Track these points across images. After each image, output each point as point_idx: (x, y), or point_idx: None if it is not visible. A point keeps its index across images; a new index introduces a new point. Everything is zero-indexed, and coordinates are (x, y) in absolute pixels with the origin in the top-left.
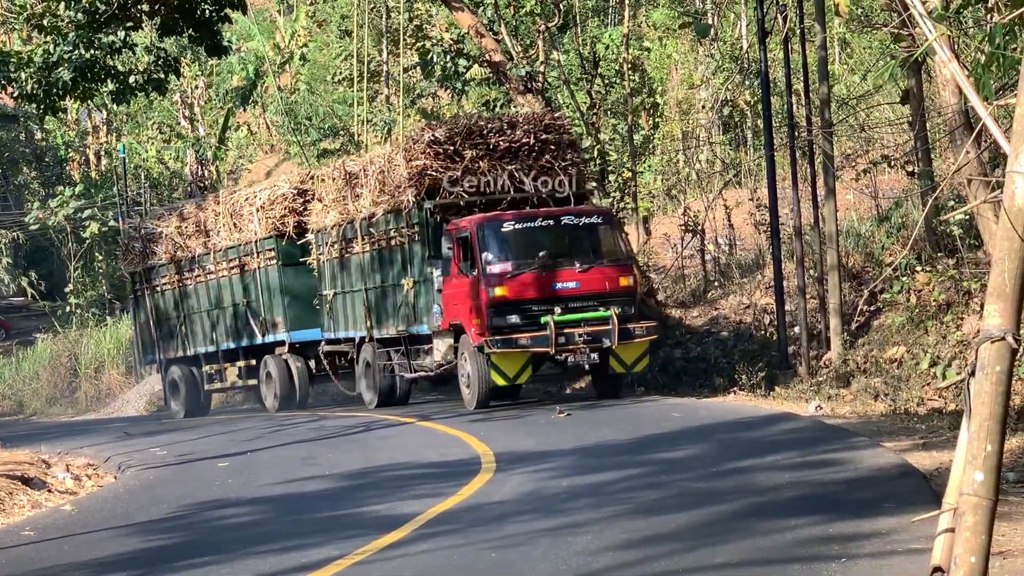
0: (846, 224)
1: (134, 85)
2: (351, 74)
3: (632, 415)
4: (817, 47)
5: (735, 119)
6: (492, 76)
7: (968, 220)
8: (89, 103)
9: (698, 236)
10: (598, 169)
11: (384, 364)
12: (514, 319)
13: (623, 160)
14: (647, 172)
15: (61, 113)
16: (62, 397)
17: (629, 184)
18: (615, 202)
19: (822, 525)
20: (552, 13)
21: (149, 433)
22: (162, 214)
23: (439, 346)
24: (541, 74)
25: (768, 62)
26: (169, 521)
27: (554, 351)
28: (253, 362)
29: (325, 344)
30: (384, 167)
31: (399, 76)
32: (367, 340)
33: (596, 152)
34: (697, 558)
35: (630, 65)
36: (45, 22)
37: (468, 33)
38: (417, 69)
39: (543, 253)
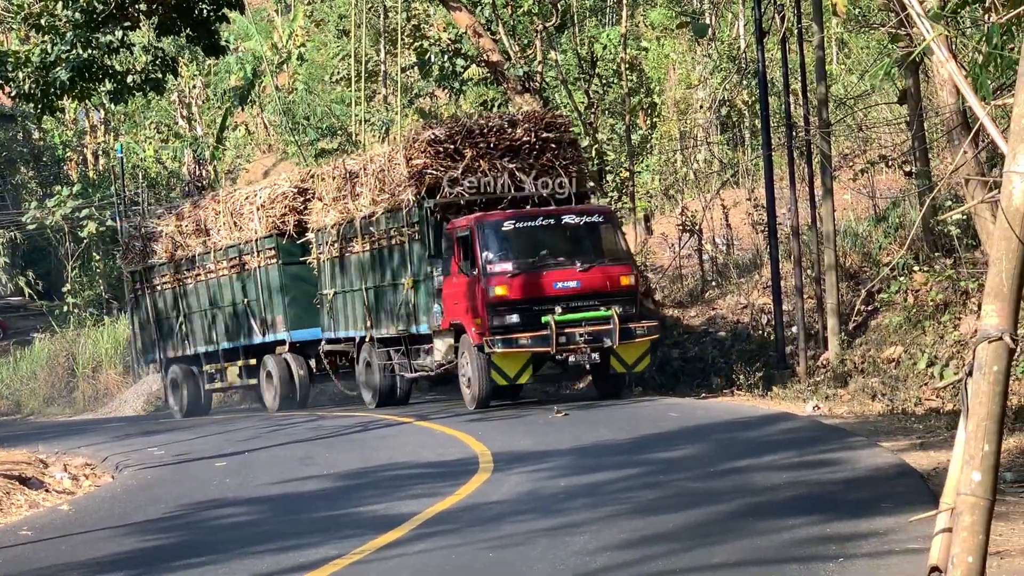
0: (844, 224)
1: (132, 85)
2: (349, 74)
3: (630, 415)
4: (815, 47)
5: (733, 119)
6: (490, 76)
7: (966, 220)
8: (87, 103)
9: (696, 236)
10: (596, 169)
11: (384, 364)
12: (514, 319)
13: (621, 160)
14: (645, 172)
15: (59, 113)
16: (60, 397)
17: (627, 184)
18: (612, 202)
19: (820, 525)
20: (550, 13)
21: (147, 433)
22: (162, 213)
23: (439, 346)
24: (539, 74)
25: (766, 62)
26: (166, 521)
27: (555, 351)
28: (253, 362)
29: (325, 344)
30: (384, 166)
31: (397, 76)
32: (367, 340)
33: (594, 152)
34: (695, 558)
35: (628, 65)
36: (43, 22)
37: (466, 33)
38: (415, 69)
39: (544, 252)
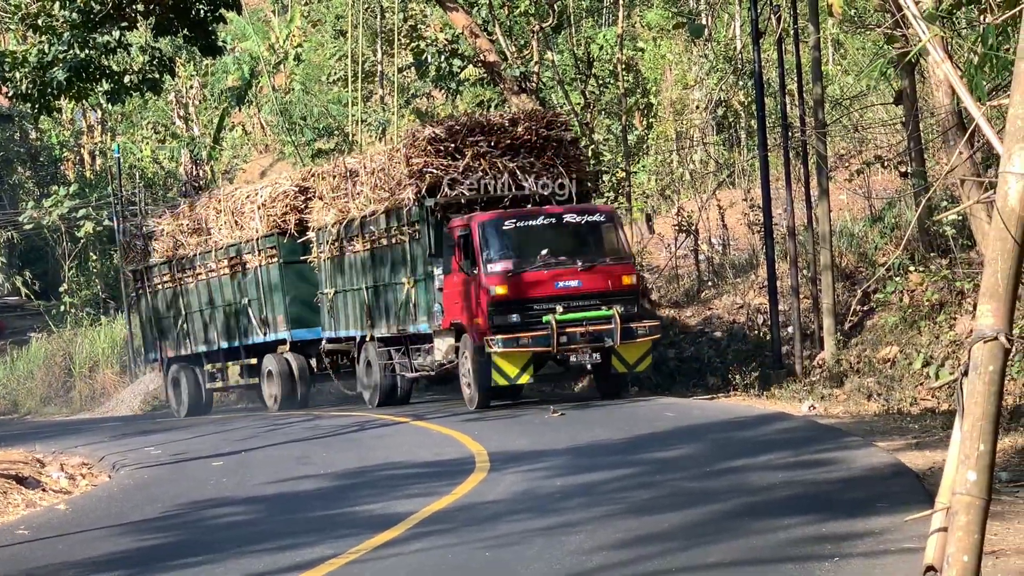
0: (839, 224)
1: (129, 85)
2: (345, 74)
3: (626, 415)
4: (811, 47)
5: (729, 119)
6: (486, 76)
7: (961, 220)
8: (84, 103)
9: (692, 236)
10: (592, 170)
11: (385, 363)
12: (515, 318)
13: (617, 160)
14: (641, 172)
15: (56, 113)
16: (56, 396)
17: (623, 184)
18: (608, 202)
19: (815, 524)
20: (546, 13)
21: (143, 432)
22: (163, 212)
23: (440, 345)
24: (535, 74)
25: (762, 62)
26: (163, 520)
27: (555, 350)
28: (254, 361)
29: (326, 343)
30: (385, 165)
31: (393, 76)
32: (368, 339)
33: (590, 152)
34: (690, 557)
35: (624, 65)
36: (40, 22)
37: (462, 33)
38: (411, 69)
39: (544, 251)
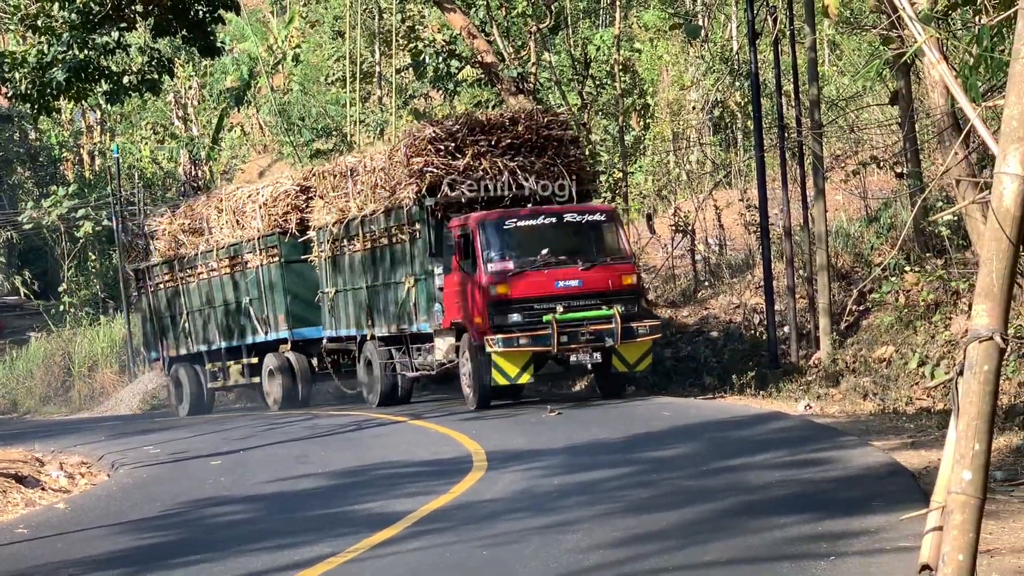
0: (835, 224)
1: (128, 85)
2: (344, 75)
3: (623, 414)
4: (807, 48)
5: (725, 120)
6: (484, 77)
7: (956, 221)
8: (83, 103)
9: (688, 236)
10: (591, 170)
11: (385, 363)
12: (516, 318)
13: (614, 161)
14: (638, 173)
15: (55, 113)
16: (56, 396)
17: (620, 185)
18: (606, 202)
19: (811, 523)
20: (544, 14)
21: (142, 431)
22: (165, 211)
23: (440, 345)
24: (533, 75)
25: (758, 63)
26: (162, 519)
27: (556, 350)
28: (255, 360)
29: (327, 342)
30: (385, 164)
31: (391, 77)
32: (368, 338)
33: (587, 153)
34: (687, 556)
35: (621, 66)
36: (39, 23)
37: (460, 34)
38: (409, 70)
39: (545, 251)
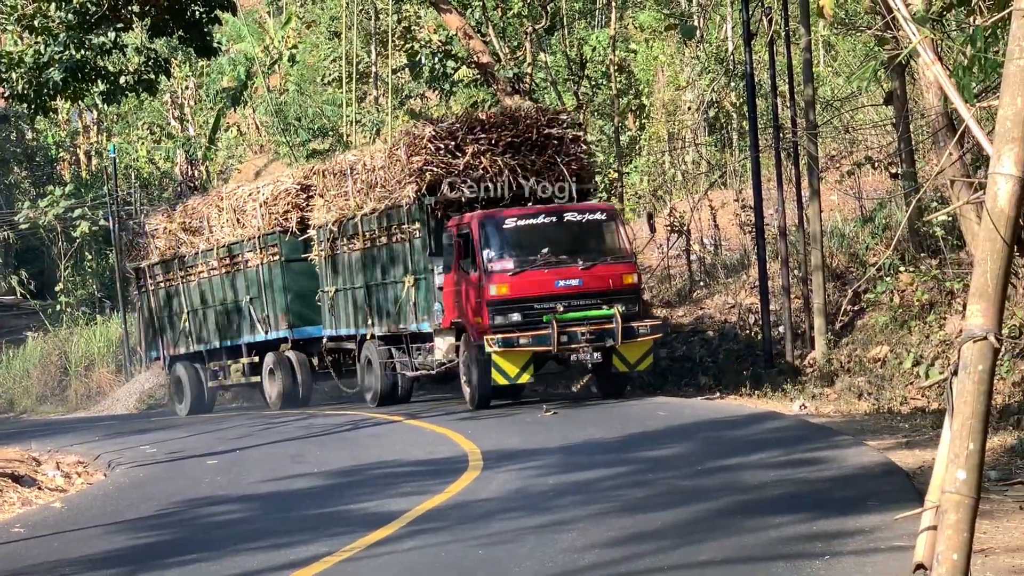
0: (830, 225)
1: (124, 85)
2: (340, 75)
3: (618, 414)
4: (802, 49)
5: (721, 120)
6: (480, 77)
7: (951, 221)
8: (80, 103)
9: (684, 236)
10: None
11: (385, 362)
12: (516, 317)
13: (610, 161)
14: (633, 173)
15: (52, 113)
16: (52, 395)
17: (615, 185)
18: (601, 202)
19: (806, 523)
20: (539, 15)
21: (139, 431)
22: (166, 210)
23: (440, 344)
24: (528, 75)
25: (753, 64)
26: (158, 518)
27: (556, 350)
28: (256, 359)
29: (327, 341)
30: (385, 163)
31: (387, 77)
32: (368, 337)
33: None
34: (682, 555)
35: (617, 67)
36: (36, 23)
37: (456, 35)
38: (405, 70)
39: (545, 250)
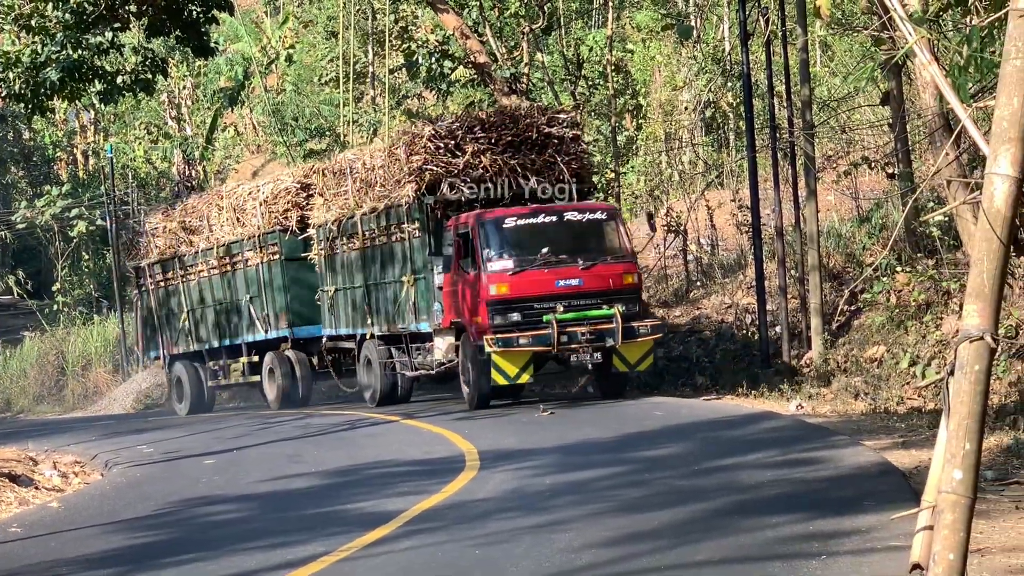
0: (827, 225)
1: (122, 85)
2: (337, 75)
3: (615, 414)
4: (799, 49)
5: (717, 121)
6: (477, 77)
7: (947, 221)
8: (77, 103)
9: (680, 236)
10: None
11: (385, 362)
12: (515, 317)
13: (606, 161)
14: (630, 173)
15: (49, 113)
16: (49, 395)
17: (612, 185)
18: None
19: (803, 523)
20: (536, 15)
21: (136, 431)
22: (166, 209)
23: (440, 344)
24: (525, 75)
25: (750, 64)
26: (156, 518)
27: (556, 350)
28: (256, 358)
29: (327, 340)
30: (385, 162)
31: (385, 77)
32: (368, 337)
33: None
34: (679, 555)
35: (614, 67)
36: (33, 22)
37: (453, 35)
38: (403, 70)
39: (545, 250)
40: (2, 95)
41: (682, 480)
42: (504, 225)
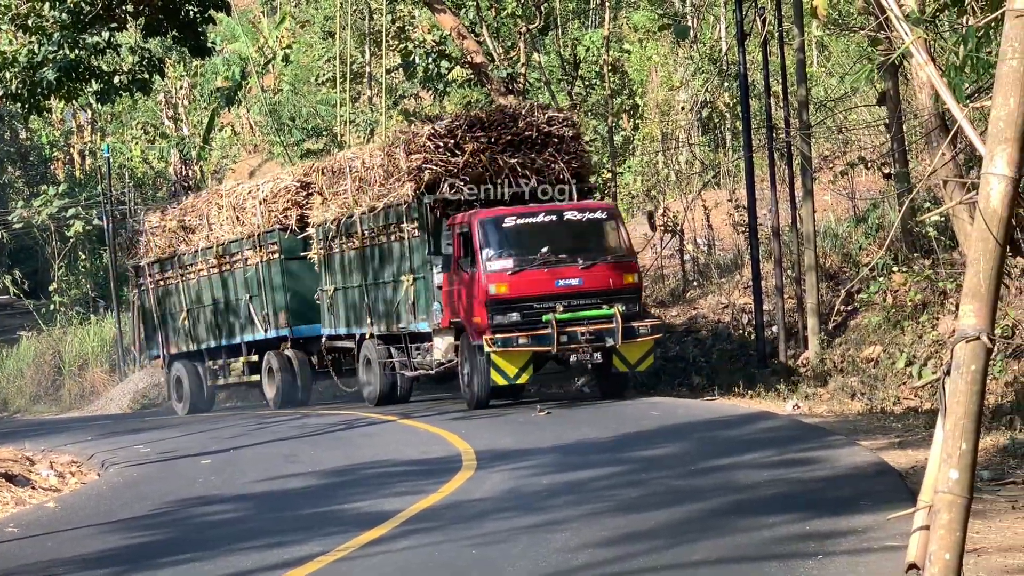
0: (823, 225)
1: (118, 85)
2: (334, 75)
3: (612, 414)
4: (795, 50)
5: (714, 121)
6: (474, 77)
7: (944, 221)
8: (74, 103)
9: (677, 236)
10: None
11: (384, 361)
12: (515, 317)
13: (603, 161)
14: (627, 173)
15: (46, 113)
16: (46, 395)
17: (609, 185)
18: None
19: (799, 523)
20: (533, 15)
21: (133, 430)
22: (165, 208)
23: (439, 344)
24: (522, 75)
25: (747, 64)
26: (152, 518)
27: (556, 350)
28: (256, 358)
29: (327, 340)
30: (384, 161)
31: (382, 77)
32: (367, 337)
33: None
34: (676, 555)
35: (610, 67)
36: (30, 22)
37: (450, 35)
38: (399, 70)
39: (545, 249)
40: None
41: (679, 480)
42: (503, 224)
